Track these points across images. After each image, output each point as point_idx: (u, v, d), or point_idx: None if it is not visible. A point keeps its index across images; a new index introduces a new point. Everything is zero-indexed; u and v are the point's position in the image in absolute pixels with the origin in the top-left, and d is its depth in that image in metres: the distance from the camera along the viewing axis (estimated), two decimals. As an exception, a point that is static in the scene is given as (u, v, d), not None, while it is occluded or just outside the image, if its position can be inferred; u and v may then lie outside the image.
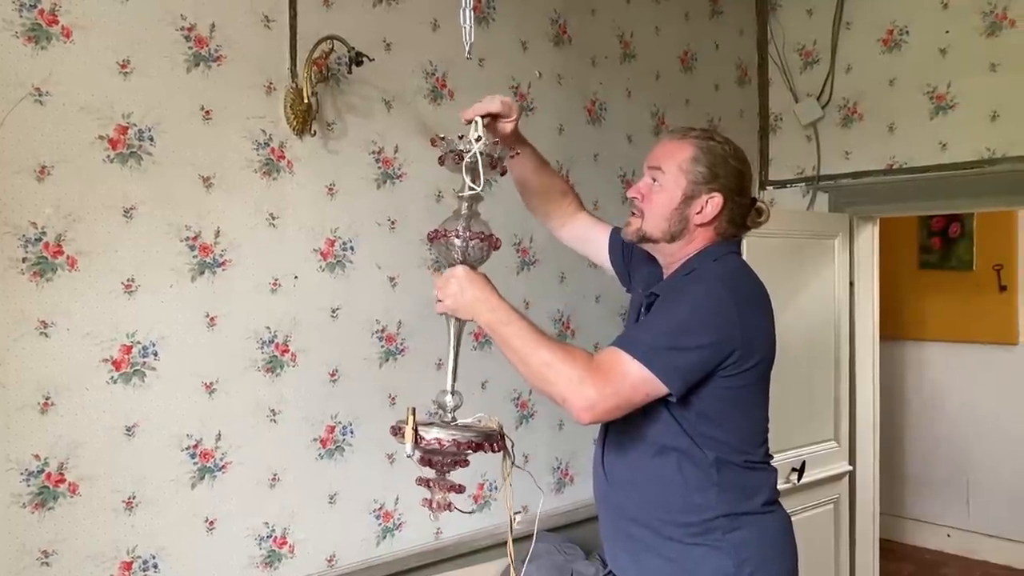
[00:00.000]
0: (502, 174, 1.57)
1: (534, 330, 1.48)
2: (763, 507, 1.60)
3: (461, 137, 1.48)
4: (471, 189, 1.47)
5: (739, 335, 1.51)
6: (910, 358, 5.05)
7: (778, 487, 1.68)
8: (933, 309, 4.95)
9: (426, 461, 1.48)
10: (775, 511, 1.64)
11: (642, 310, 1.69)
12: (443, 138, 1.49)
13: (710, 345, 1.49)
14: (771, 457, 1.67)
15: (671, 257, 1.67)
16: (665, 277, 1.69)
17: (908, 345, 5.03)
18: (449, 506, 1.49)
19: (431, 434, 1.41)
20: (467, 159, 1.45)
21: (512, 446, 1.52)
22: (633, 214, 1.67)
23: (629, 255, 1.85)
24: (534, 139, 2.93)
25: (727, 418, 1.56)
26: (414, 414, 1.43)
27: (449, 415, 1.51)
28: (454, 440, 1.42)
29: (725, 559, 1.53)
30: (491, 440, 1.46)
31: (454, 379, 1.52)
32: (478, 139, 1.46)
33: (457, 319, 1.52)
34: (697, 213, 1.61)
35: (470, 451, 1.45)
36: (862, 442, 3.64)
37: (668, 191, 1.61)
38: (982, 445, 4.75)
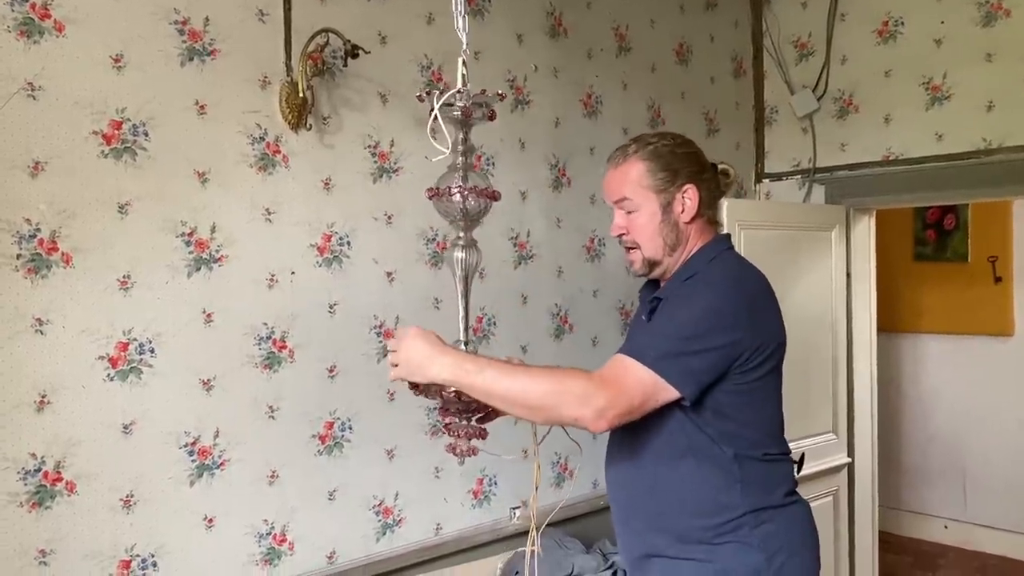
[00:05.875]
0: (491, 119, 1.54)
1: (513, 367, 1.46)
2: (785, 498, 1.59)
3: (428, 93, 1.44)
4: (441, 152, 1.45)
5: (750, 334, 1.50)
6: (906, 350, 5.05)
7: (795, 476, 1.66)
8: (929, 301, 4.95)
9: (448, 411, 1.48)
10: (797, 501, 1.63)
11: (643, 317, 1.67)
12: (426, 94, 1.46)
13: (723, 347, 1.47)
14: (788, 448, 1.66)
15: (673, 265, 1.65)
16: (665, 282, 1.67)
17: (904, 337, 5.03)
18: (473, 451, 1.49)
19: (449, 389, 1.42)
20: (429, 122, 1.42)
21: None
22: (631, 249, 1.66)
23: None
24: (530, 133, 2.93)
25: (742, 413, 1.54)
26: None
27: None
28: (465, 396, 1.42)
29: (756, 554, 1.51)
30: None
31: (466, 327, 1.51)
32: (441, 92, 1.42)
33: (462, 268, 1.49)
34: (681, 212, 1.61)
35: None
36: (860, 434, 3.64)
37: (646, 212, 1.61)
38: (979, 437, 4.76)
